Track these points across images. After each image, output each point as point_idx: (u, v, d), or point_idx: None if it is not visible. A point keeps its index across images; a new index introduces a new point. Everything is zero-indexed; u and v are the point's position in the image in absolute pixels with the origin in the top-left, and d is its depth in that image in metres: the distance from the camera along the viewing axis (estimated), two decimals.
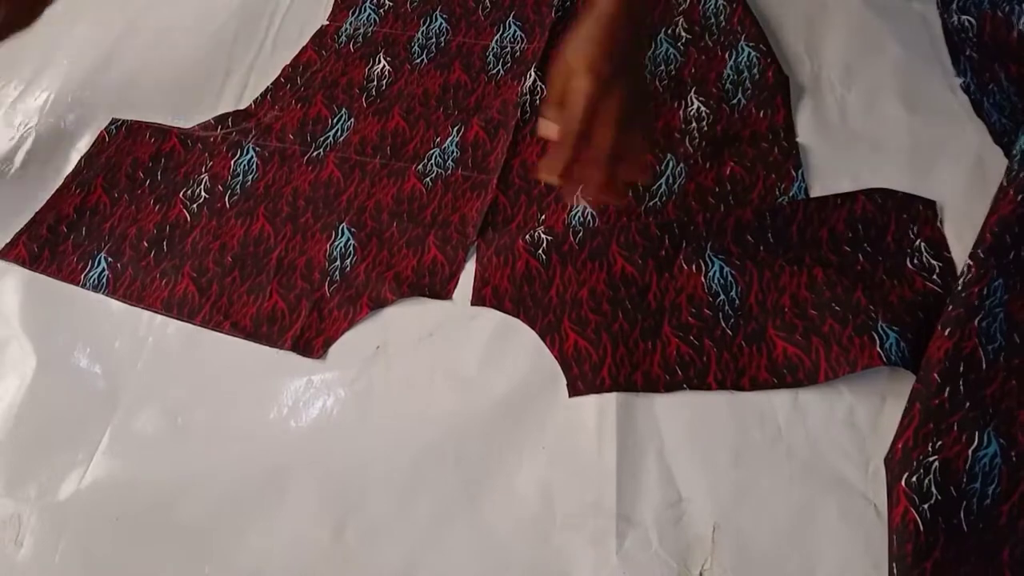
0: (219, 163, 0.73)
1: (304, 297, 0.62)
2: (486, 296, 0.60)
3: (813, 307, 0.54)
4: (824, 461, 0.49)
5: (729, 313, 0.56)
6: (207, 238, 0.67)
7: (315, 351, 0.59)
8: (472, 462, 0.52)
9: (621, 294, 0.58)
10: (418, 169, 0.70)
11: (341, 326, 0.60)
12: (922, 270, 0.56)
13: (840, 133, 0.67)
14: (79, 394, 0.60)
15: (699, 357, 0.54)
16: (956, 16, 0.69)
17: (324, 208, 0.68)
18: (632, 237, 0.60)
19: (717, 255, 0.58)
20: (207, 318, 0.62)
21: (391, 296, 0.61)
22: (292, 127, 0.75)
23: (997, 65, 0.65)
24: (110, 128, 0.78)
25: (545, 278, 0.60)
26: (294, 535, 0.51)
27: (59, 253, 0.68)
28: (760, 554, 0.46)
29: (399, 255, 0.64)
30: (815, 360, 0.52)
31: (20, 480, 0.55)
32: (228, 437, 0.56)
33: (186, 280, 0.64)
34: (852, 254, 0.58)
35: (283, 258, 0.65)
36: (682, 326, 0.56)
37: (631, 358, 0.55)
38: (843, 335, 0.52)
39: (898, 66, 0.71)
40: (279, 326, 0.61)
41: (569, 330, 0.56)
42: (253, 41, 0.86)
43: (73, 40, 0.91)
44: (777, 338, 0.54)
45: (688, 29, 0.78)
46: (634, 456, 0.51)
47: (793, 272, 0.57)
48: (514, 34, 0.81)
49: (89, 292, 0.66)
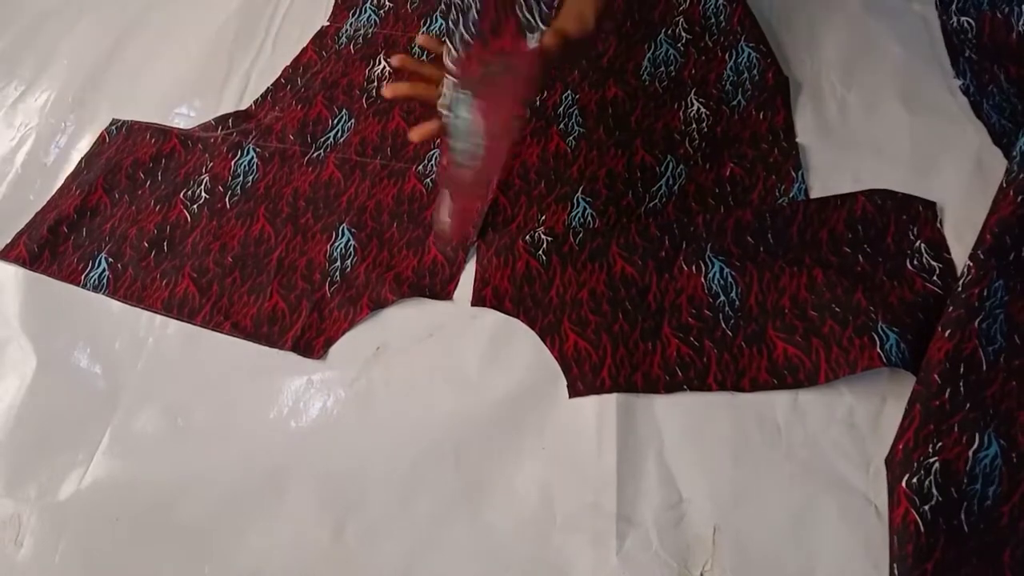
0: (219, 164, 0.73)
1: (305, 297, 0.62)
2: (486, 296, 0.60)
3: (813, 308, 0.54)
4: (824, 461, 0.49)
5: (729, 314, 0.56)
6: (207, 239, 0.67)
7: (315, 351, 0.59)
8: (472, 462, 0.52)
9: (621, 295, 0.58)
10: (419, 170, 0.70)
11: (341, 326, 0.60)
12: (922, 271, 0.56)
13: (840, 134, 0.67)
14: (79, 394, 0.60)
15: (699, 358, 0.54)
16: (955, 17, 0.69)
17: (324, 209, 0.68)
18: (632, 238, 0.60)
19: (717, 256, 0.58)
20: (207, 318, 0.62)
21: (391, 296, 0.61)
22: (292, 128, 0.75)
23: (996, 67, 0.65)
24: (110, 129, 0.78)
25: (545, 279, 0.60)
26: (294, 535, 0.51)
27: (59, 254, 0.68)
28: (760, 555, 0.46)
29: (399, 256, 0.64)
30: (815, 361, 0.52)
31: (20, 480, 0.55)
32: (228, 437, 0.56)
33: (186, 280, 0.64)
34: (852, 255, 0.58)
35: (283, 259, 0.65)
36: (682, 327, 0.56)
37: (631, 359, 0.55)
38: (843, 336, 0.52)
39: (898, 67, 0.71)
40: (279, 326, 0.61)
41: (569, 331, 0.56)
42: (253, 41, 0.87)
43: (73, 40, 0.91)
44: (777, 339, 0.54)
45: (688, 29, 0.78)
46: (634, 457, 0.51)
47: (793, 273, 0.57)
48: None
49: (89, 292, 0.66)
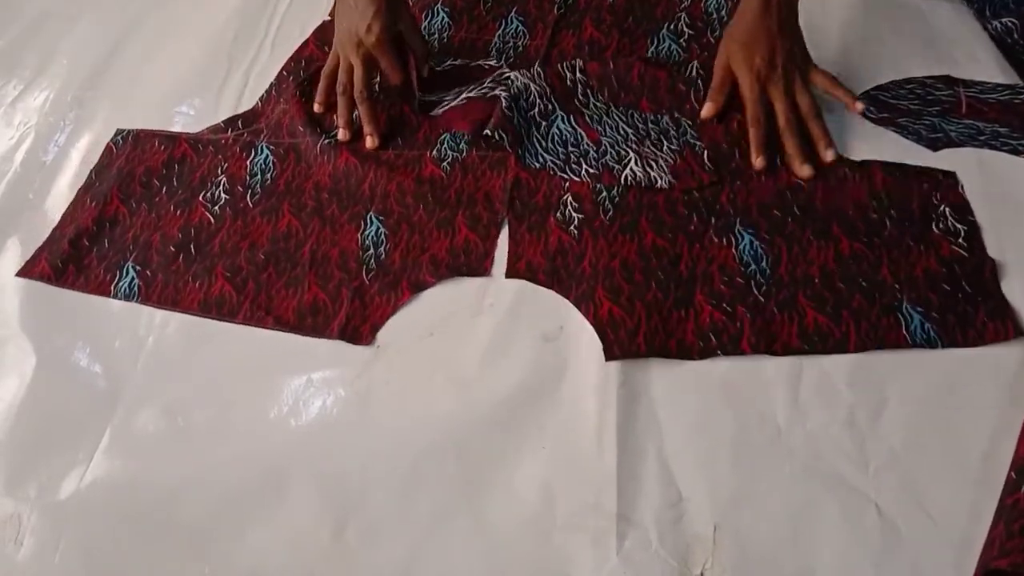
0: (234, 164, 0.73)
1: (344, 286, 0.62)
2: (520, 270, 0.61)
3: (841, 280, 0.56)
4: (824, 461, 0.49)
5: (761, 281, 0.57)
6: (235, 238, 0.67)
7: (363, 338, 0.59)
8: (472, 462, 0.52)
9: (653, 264, 0.59)
10: (433, 155, 0.70)
11: (386, 312, 0.60)
12: (948, 234, 0.58)
13: (841, 129, 0.67)
14: (79, 394, 0.60)
15: (732, 323, 0.55)
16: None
17: (348, 198, 0.68)
18: (660, 215, 0.62)
19: (747, 229, 0.60)
20: (248, 315, 0.62)
21: (431, 279, 0.61)
22: (300, 119, 0.74)
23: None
24: (116, 139, 0.77)
25: (577, 251, 0.61)
26: (294, 535, 0.51)
27: (85, 267, 0.67)
28: (760, 554, 0.46)
29: (431, 238, 0.64)
30: (845, 332, 0.54)
31: (20, 480, 0.55)
32: (228, 437, 0.56)
33: (220, 280, 0.64)
34: (879, 220, 0.59)
35: (315, 251, 0.65)
36: (715, 294, 0.57)
37: (665, 326, 0.56)
38: (871, 313, 0.55)
39: (897, 60, 0.71)
40: (323, 316, 0.61)
41: (603, 298, 0.57)
42: (253, 41, 0.86)
43: (73, 40, 0.91)
44: (808, 307, 0.55)
45: (691, 25, 0.78)
46: (634, 456, 0.51)
47: (820, 246, 0.58)
48: (516, 29, 0.81)
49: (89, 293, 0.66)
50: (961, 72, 0.70)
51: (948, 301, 0.54)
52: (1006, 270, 0.56)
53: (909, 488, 0.48)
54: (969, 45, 0.73)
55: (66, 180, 0.75)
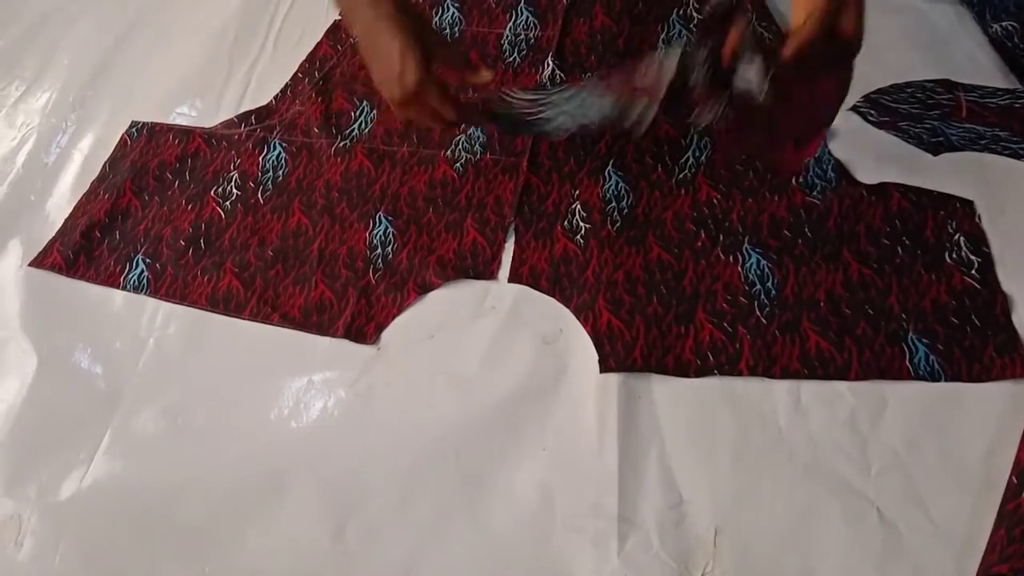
0: (247, 160, 0.73)
1: (350, 285, 0.62)
2: (523, 275, 0.61)
3: (847, 306, 0.55)
4: (826, 464, 0.49)
5: (764, 302, 0.57)
6: (245, 234, 0.67)
7: (368, 337, 0.59)
8: (472, 463, 0.52)
9: (656, 279, 0.59)
10: (447, 155, 0.70)
11: (391, 312, 0.60)
12: (961, 265, 0.57)
13: (844, 130, 0.67)
14: (79, 394, 0.60)
15: (732, 343, 0.55)
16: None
17: (358, 198, 0.68)
18: (668, 230, 0.62)
19: (755, 248, 0.60)
20: (255, 311, 0.62)
21: (437, 280, 0.61)
22: (316, 120, 0.75)
23: None
24: (131, 131, 0.77)
25: (582, 260, 0.61)
26: (294, 535, 0.51)
27: (95, 258, 0.68)
28: (761, 556, 0.46)
29: (439, 240, 0.64)
30: (847, 359, 0.53)
31: (20, 480, 0.55)
32: (228, 437, 0.56)
33: (228, 276, 0.64)
34: (891, 247, 0.59)
35: (324, 249, 0.65)
36: (716, 312, 0.57)
37: (663, 341, 0.55)
38: (875, 341, 0.53)
39: (898, 64, 0.71)
40: (328, 315, 0.61)
41: (603, 309, 0.57)
42: (253, 42, 0.86)
43: (74, 40, 0.91)
44: (811, 331, 0.55)
45: (699, 10, 0.79)
46: (635, 458, 0.51)
47: (829, 269, 0.58)
48: (527, 20, 0.82)
49: (89, 292, 0.66)
50: (961, 76, 0.70)
51: (955, 334, 0.53)
52: (1016, 304, 0.54)
53: (911, 491, 0.48)
54: (969, 49, 0.73)
55: (68, 181, 0.75)
